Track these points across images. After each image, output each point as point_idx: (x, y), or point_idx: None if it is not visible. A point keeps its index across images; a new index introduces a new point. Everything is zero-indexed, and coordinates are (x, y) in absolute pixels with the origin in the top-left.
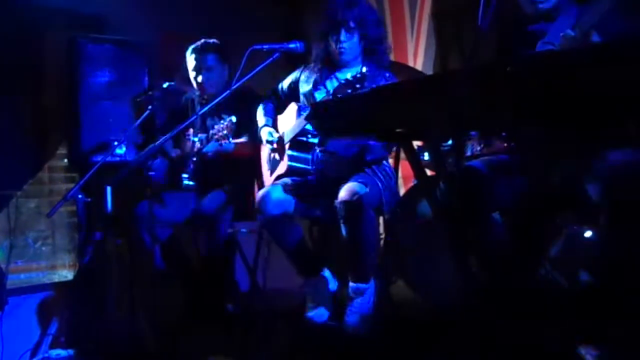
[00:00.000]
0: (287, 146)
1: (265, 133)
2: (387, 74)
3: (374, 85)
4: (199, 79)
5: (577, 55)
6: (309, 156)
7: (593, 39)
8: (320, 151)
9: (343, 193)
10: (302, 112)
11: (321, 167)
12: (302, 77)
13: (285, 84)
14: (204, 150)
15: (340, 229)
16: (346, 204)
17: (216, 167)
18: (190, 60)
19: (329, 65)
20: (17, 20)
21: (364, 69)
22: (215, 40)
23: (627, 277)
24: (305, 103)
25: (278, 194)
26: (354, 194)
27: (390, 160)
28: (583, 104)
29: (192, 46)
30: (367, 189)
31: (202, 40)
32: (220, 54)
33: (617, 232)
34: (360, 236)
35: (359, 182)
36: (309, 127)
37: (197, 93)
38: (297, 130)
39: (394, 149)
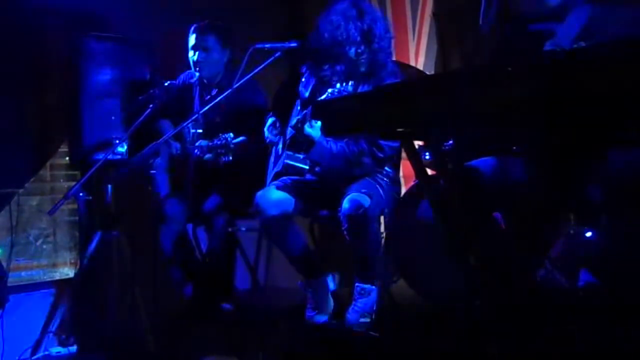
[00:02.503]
0: (286, 144)
1: (266, 128)
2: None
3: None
4: (195, 57)
5: (578, 55)
6: (307, 160)
7: None
8: (304, 158)
9: (347, 205)
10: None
11: (317, 169)
12: (303, 80)
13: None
14: (205, 157)
15: (344, 236)
16: (351, 218)
17: (216, 172)
18: (191, 39)
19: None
20: (19, 18)
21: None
22: (220, 23)
23: (627, 277)
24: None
25: (277, 194)
26: (358, 207)
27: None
28: (585, 104)
29: (195, 25)
30: (371, 201)
31: (207, 21)
32: (222, 37)
33: (617, 232)
34: (366, 245)
35: (362, 192)
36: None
37: (195, 78)
38: (293, 130)
39: (386, 169)
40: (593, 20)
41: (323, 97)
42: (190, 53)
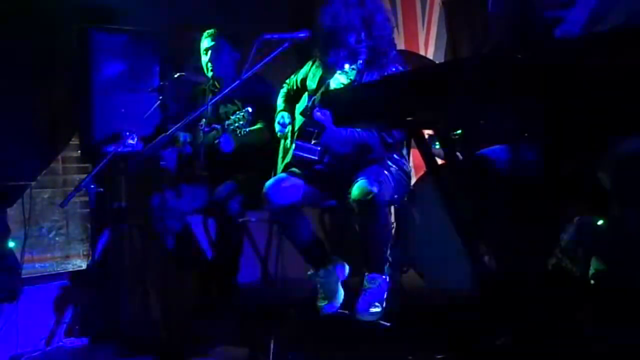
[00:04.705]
0: (295, 135)
1: (278, 116)
2: (394, 68)
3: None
4: (207, 57)
5: (587, 42)
6: (317, 147)
7: None
8: (314, 144)
9: (356, 191)
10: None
11: (326, 158)
12: (310, 74)
13: (299, 77)
14: (220, 141)
15: (353, 223)
16: (360, 204)
17: (230, 157)
18: (203, 43)
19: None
20: (29, 11)
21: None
22: (230, 29)
23: (638, 266)
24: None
25: (286, 183)
26: (367, 193)
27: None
28: (595, 91)
29: (207, 30)
30: (380, 187)
31: (218, 27)
32: (232, 40)
33: (628, 220)
34: (375, 233)
35: (372, 179)
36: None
37: (210, 82)
38: (303, 118)
39: (394, 156)
40: (603, 4)
41: (332, 79)
42: (203, 56)
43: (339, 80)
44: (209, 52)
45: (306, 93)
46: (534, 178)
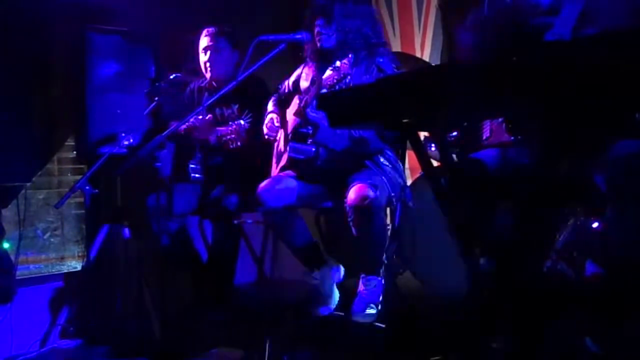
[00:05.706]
0: (289, 137)
1: (267, 119)
2: (381, 59)
3: (362, 73)
4: (207, 57)
5: (584, 44)
6: (312, 148)
7: None
8: (310, 142)
9: (352, 196)
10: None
11: (321, 158)
12: (303, 75)
13: (290, 80)
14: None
15: (349, 226)
16: (356, 209)
17: (222, 158)
18: (203, 41)
19: (322, 58)
20: (24, 11)
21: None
22: (229, 29)
23: (633, 269)
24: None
25: (280, 185)
26: (364, 198)
27: None
28: (590, 94)
29: (207, 28)
30: (376, 192)
31: (217, 26)
32: (232, 40)
33: (623, 222)
34: (371, 236)
35: (368, 183)
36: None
37: (206, 81)
38: (298, 118)
39: (387, 152)
40: (589, 6)
41: (325, 75)
42: (201, 55)
43: (330, 75)
44: (208, 51)
45: (297, 96)
46: (528, 180)
